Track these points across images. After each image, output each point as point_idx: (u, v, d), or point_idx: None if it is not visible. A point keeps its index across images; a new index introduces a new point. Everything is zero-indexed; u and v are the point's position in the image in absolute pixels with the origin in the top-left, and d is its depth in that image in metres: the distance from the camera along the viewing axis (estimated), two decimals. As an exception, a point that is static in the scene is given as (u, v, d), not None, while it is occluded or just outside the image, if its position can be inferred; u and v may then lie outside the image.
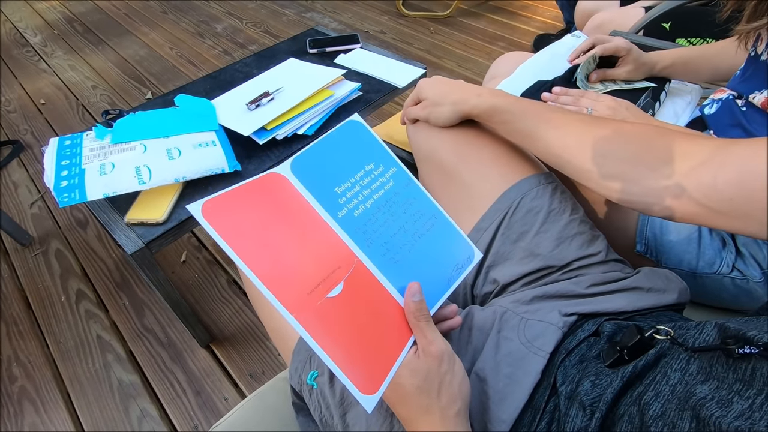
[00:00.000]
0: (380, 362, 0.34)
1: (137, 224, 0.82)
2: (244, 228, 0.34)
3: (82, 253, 1.32)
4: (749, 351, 0.30)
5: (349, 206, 0.40)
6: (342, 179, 0.41)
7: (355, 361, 0.33)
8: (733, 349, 0.30)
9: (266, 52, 1.31)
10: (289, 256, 0.35)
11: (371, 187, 0.42)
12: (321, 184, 0.40)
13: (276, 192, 0.37)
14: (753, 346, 0.30)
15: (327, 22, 2.44)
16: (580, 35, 0.93)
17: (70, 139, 0.93)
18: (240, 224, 0.34)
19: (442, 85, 0.60)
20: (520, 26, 2.28)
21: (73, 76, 2.10)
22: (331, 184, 0.40)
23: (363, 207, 0.41)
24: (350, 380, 0.32)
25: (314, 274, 0.35)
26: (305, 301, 0.33)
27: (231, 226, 0.33)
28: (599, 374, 0.38)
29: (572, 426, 0.35)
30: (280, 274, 0.33)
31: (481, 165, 0.61)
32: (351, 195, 0.41)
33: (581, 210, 0.57)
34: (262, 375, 1.03)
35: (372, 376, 0.33)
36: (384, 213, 0.42)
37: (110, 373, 1.05)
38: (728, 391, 0.29)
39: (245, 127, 0.96)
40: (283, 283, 0.33)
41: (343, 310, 0.35)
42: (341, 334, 0.33)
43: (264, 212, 0.36)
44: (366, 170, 0.43)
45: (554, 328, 0.43)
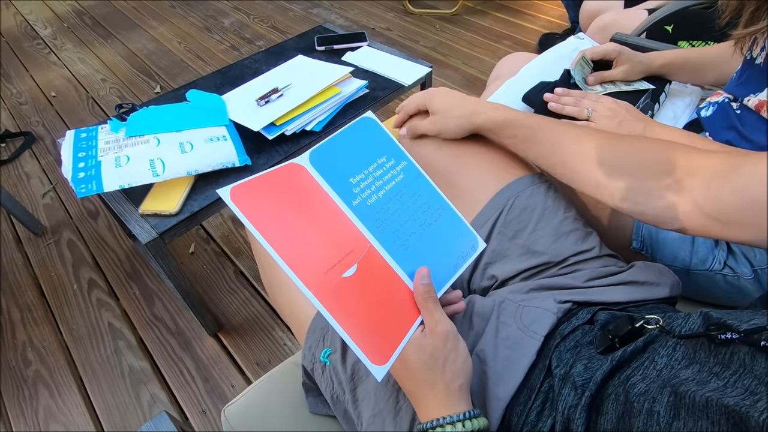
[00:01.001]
0: (390, 337, 0.37)
1: (151, 215, 0.85)
2: (267, 212, 0.37)
3: (93, 243, 1.36)
4: (730, 336, 0.32)
5: (362, 196, 0.43)
6: (356, 171, 0.44)
7: (367, 335, 0.36)
8: (716, 335, 0.33)
9: (275, 48, 1.34)
10: (308, 239, 0.38)
11: (383, 179, 0.45)
12: (337, 175, 0.42)
13: (296, 180, 0.40)
14: (734, 332, 0.32)
15: (333, 18, 2.45)
16: (583, 37, 0.95)
17: (86, 132, 0.96)
18: (264, 208, 0.37)
19: (451, 97, 0.60)
20: (525, 25, 2.30)
21: (83, 69, 2.13)
22: (346, 174, 0.43)
23: (375, 197, 0.44)
24: (362, 351, 0.35)
25: (331, 256, 0.38)
26: (323, 279, 0.36)
27: (256, 209, 0.36)
28: (591, 359, 0.41)
29: (564, 404, 0.38)
30: (300, 255, 0.36)
31: (475, 167, 0.63)
32: (364, 185, 0.44)
33: (573, 208, 0.60)
34: (268, 363, 1.06)
35: (382, 349, 0.36)
36: (395, 203, 0.45)
37: (121, 359, 1.09)
38: (708, 374, 0.32)
39: (255, 122, 0.98)
40: (303, 263, 0.36)
41: (356, 289, 0.37)
42: (355, 310, 0.36)
43: (285, 198, 0.39)
44: (378, 163, 0.45)
45: (549, 313, 0.46)
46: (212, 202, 0.88)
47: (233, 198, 0.36)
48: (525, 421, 0.41)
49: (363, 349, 0.35)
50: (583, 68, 0.80)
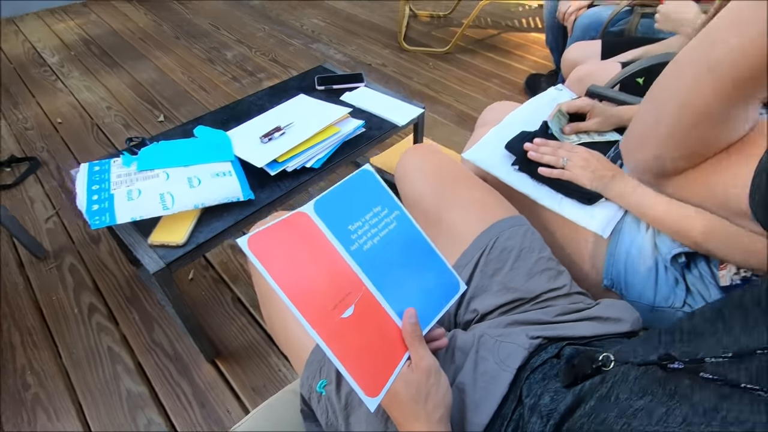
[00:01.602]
0: (382, 371, 0.43)
1: (159, 246, 0.91)
2: (279, 258, 0.43)
3: (94, 267, 1.40)
4: (677, 366, 0.38)
5: (359, 242, 0.49)
6: (354, 219, 0.50)
7: (362, 369, 0.41)
8: (666, 364, 0.38)
9: (278, 86, 1.42)
10: (313, 282, 0.44)
11: (378, 227, 0.51)
12: (337, 223, 0.49)
13: (302, 228, 0.47)
14: (680, 362, 0.38)
15: (332, 53, 2.57)
16: (562, 88, 1.05)
17: (99, 165, 1.02)
18: (276, 255, 0.43)
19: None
20: (513, 65, 2.43)
21: (88, 97, 2.21)
22: (345, 222, 0.49)
23: (371, 243, 0.50)
24: (358, 384, 0.40)
25: (332, 298, 0.44)
26: (325, 319, 0.42)
27: (270, 256, 0.42)
28: (557, 392, 0.47)
29: (531, 430, 0.44)
30: (306, 297, 0.42)
31: (460, 208, 0.71)
32: (361, 232, 0.50)
33: (548, 249, 0.67)
34: (264, 389, 1.10)
35: (375, 382, 0.42)
36: (388, 249, 0.51)
37: (119, 384, 1.12)
38: (658, 404, 0.37)
39: (259, 159, 1.05)
40: (309, 305, 0.42)
41: (353, 328, 0.43)
42: (352, 347, 0.42)
43: (293, 245, 0.45)
44: (374, 212, 0.52)
45: (521, 348, 0.52)
46: (217, 234, 0.94)
47: (251, 246, 0.42)
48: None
49: (358, 383, 0.41)
50: (560, 120, 0.89)
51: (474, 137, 0.98)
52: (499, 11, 3.02)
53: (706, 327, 0.38)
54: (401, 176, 0.77)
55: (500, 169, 0.84)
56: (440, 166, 0.75)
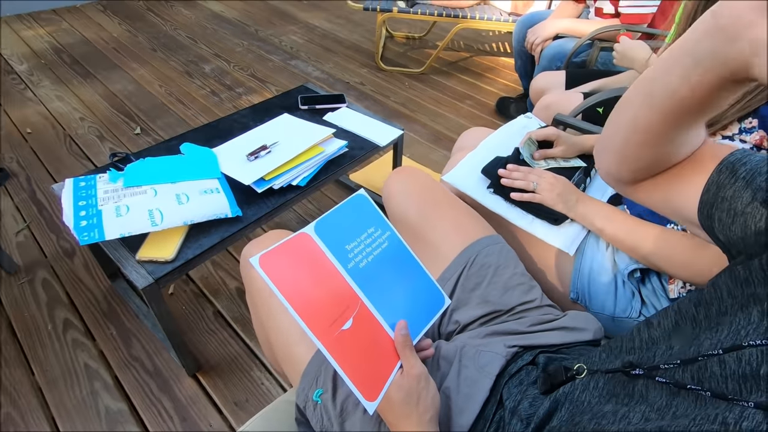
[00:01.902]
0: (378, 378, 0.48)
1: (147, 261, 0.92)
2: (286, 275, 0.47)
3: (69, 282, 1.37)
4: (638, 372, 0.45)
5: (356, 260, 0.54)
6: (351, 239, 0.55)
7: (361, 376, 0.46)
8: (629, 371, 0.44)
9: (261, 105, 1.46)
10: (316, 297, 0.48)
11: (372, 246, 0.57)
12: (336, 242, 0.53)
13: (305, 248, 0.51)
14: (640, 368, 0.45)
15: (310, 70, 2.63)
16: (531, 116, 1.14)
17: (85, 181, 1.03)
18: (283, 273, 0.47)
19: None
20: (484, 87, 2.56)
21: (60, 107, 2.16)
22: (343, 242, 0.54)
23: (366, 261, 0.55)
24: (358, 390, 0.45)
25: (333, 312, 0.48)
26: (328, 332, 0.47)
27: (279, 274, 0.47)
28: (536, 398, 0.53)
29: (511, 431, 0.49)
30: (311, 311, 0.47)
31: (443, 228, 0.77)
32: (357, 251, 0.55)
33: (522, 265, 0.74)
34: (246, 403, 1.12)
35: (373, 388, 0.46)
36: (380, 266, 0.56)
37: (97, 401, 1.10)
38: (621, 405, 0.44)
39: (246, 176, 1.09)
40: (314, 318, 0.46)
41: (352, 339, 0.48)
42: (352, 356, 0.47)
43: (297, 263, 0.49)
44: (368, 233, 0.57)
45: (499, 356, 0.58)
46: (205, 250, 0.96)
47: (262, 265, 0.46)
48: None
49: (359, 388, 0.46)
50: (530, 146, 0.97)
51: (452, 161, 1.05)
52: (472, 35, 3.17)
53: (661, 337, 0.44)
54: (387, 197, 0.82)
55: (477, 192, 0.91)
56: (424, 187, 0.82)
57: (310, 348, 0.60)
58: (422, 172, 0.86)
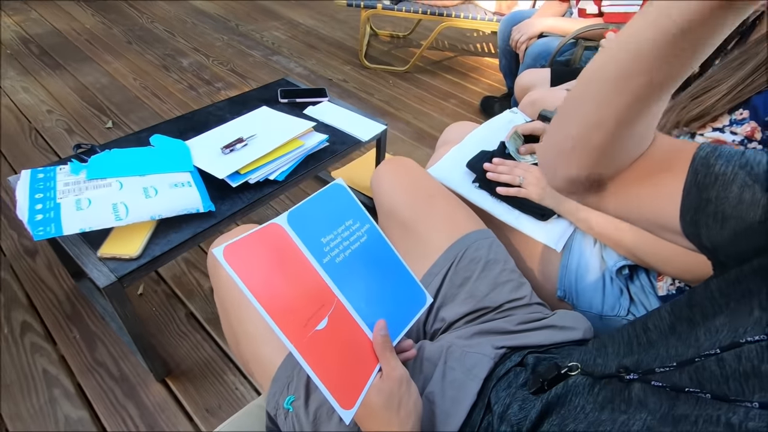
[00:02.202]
0: (355, 383, 0.43)
1: (110, 258, 0.86)
2: (253, 269, 0.43)
3: (29, 283, 1.29)
4: (632, 377, 0.41)
5: (332, 254, 0.50)
6: (327, 231, 0.50)
7: (336, 381, 0.42)
8: (623, 375, 0.41)
9: (239, 98, 1.40)
10: (288, 294, 0.44)
11: (350, 239, 0.52)
12: (310, 235, 0.49)
13: (276, 239, 0.47)
14: (634, 373, 0.42)
15: (293, 66, 2.57)
16: (516, 111, 1.12)
17: (43, 173, 0.96)
18: (251, 266, 0.42)
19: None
20: (469, 86, 2.55)
21: (26, 99, 2.05)
22: (318, 234, 0.50)
23: (343, 255, 0.51)
24: (334, 397, 0.41)
25: (306, 310, 0.44)
26: (301, 332, 0.42)
27: (245, 267, 0.42)
28: (525, 400, 0.49)
29: None
30: (282, 309, 0.42)
31: (433, 220, 0.74)
32: (334, 245, 0.50)
33: (512, 261, 0.71)
34: (219, 409, 1.05)
35: (349, 394, 0.42)
36: (358, 261, 0.52)
37: (56, 409, 1.03)
38: (619, 412, 0.40)
39: (220, 170, 1.03)
40: (285, 317, 0.42)
41: (327, 340, 0.44)
42: (326, 359, 0.42)
43: (267, 256, 0.45)
44: (346, 225, 0.53)
45: (487, 358, 0.54)
46: (174, 246, 0.90)
47: (226, 257, 0.41)
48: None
49: (334, 395, 0.41)
50: (516, 141, 0.94)
51: (436, 155, 1.02)
52: (456, 35, 3.16)
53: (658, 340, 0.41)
54: (377, 188, 0.78)
55: (462, 186, 0.87)
56: (414, 179, 0.78)
57: (280, 350, 0.56)
58: (413, 162, 0.82)
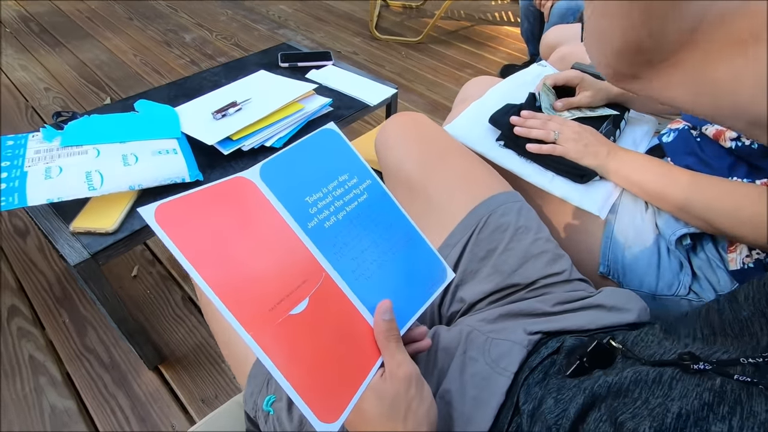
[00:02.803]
0: (344, 387, 0.32)
1: (84, 233, 0.76)
2: (201, 235, 0.31)
3: (19, 264, 1.21)
4: (703, 367, 0.30)
5: (319, 217, 0.38)
6: (314, 189, 0.39)
7: (316, 386, 0.30)
8: (689, 365, 0.31)
9: (236, 63, 1.29)
10: (251, 268, 0.32)
11: (344, 199, 0.40)
12: (291, 193, 0.37)
13: (241, 198, 0.35)
14: (705, 363, 0.30)
15: (299, 39, 2.44)
16: (545, 64, 0.97)
17: (13, 140, 0.86)
18: (198, 231, 0.31)
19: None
20: (487, 56, 2.38)
21: (23, 77, 1.98)
22: (302, 193, 0.38)
23: (334, 218, 0.39)
24: (309, 407, 0.29)
25: (277, 289, 0.32)
26: (265, 318, 0.30)
27: (187, 232, 0.30)
28: (561, 389, 0.37)
29: None
30: (238, 287, 0.31)
31: (449, 181, 0.61)
32: (322, 205, 0.39)
33: (546, 229, 0.58)
34: (215, 399, 0.96)
35: (334, 403, 0.30)
36: (356, 226, 0.40)
37: (42, 398, 0.95)
38: (699, 402, 0.29)
39: (210, 136, 0.92)
40: (242, 298, 0.30)
41: (306, 328, 0.32)
42: (303, 355, 0.31)
43: (226, 219, 0.33)
44: (339, 181, 0.41)
45: (519, 347, 0.42)
46: (156, 219, 0.80)
47: (159, 219, 0.30)
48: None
49: (310, 404, 0.30)
50: (548, 95, 0.80)
51: (453, 114, 0.89)
52: (473, 4, 2.97)
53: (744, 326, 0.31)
54: (382, 144, 0.66)
55: (483, 145, 0.74)
56: (427, 133, 0.65)
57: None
58: (425, 117, 0.69)
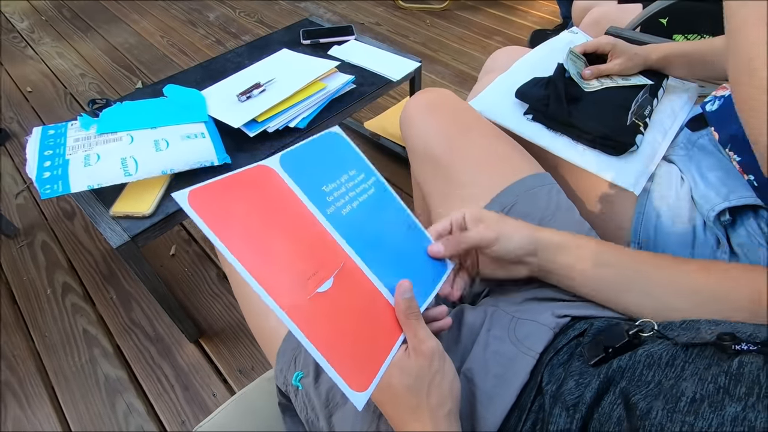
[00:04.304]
0: (371, 359, 0.33)
1: (123, 217, 0.80)
2: (232, 218, 0.33)
3: (68, 245, 1.30)
4: (746, 348, 0.29)
5: (337, 204, 0.40)
6: (329, 179, 0.41)
7: (345, 358, 0.32)
8: (729, 345, 0.30)
9: (258, 42, 1.29)
10: (280, 249, 0.34)
11: (356, 191, 0.42)
12: (310, 181, 0.39)
13: (265, 184, 0.37)
14: (750, 343, 0.29)
15: (321, 12, 2.40)
16: (577, 31, 0.92)
17: (54, 129, 0.91)
18: (228, 214, 0.33)
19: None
20: (516, 21, 2.27)
21: (61, 64, 2.05)
22: (319, 182, 0.40)
23: (350, 207, 0.41)
24: (341, 377, 0.31)
25: (304, 268, 0.34)
26: (296, 295, 0.32)
27: (219, 216, 0.32)
28: (583, 373, 0.37)
29: (556, 426, 0.34)
30: (270, 267, 0.32)
31: (477, 162, 0.60)
32: (338, 195, 0.41)
33: (576, 211, 0.57)
34: (252, 371, 1.02)
35: (363, 373, 0.32)
36: (369, 215, 0.42)
37: (96, 368, 1.03)
38: (714, 386, 0.28)
39: (235, 118, 0.94)
40: (274, 277, 0.32)
41: (333, 305, 0.34)
42: (331, 329, 0.33)
43: (253, 203, 0.35)
44: (350, 175, 0.43)
45: (546, 328, 0.42)
46: (189, 202, 0.83)
47: (192, 203, 0.32)
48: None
49: (341, 374, 0.31)
50: (576, 62, 0.76)
51: (479, 86, 0.86)
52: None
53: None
54: (406, 122, 0.65)
55: (511, 119, 0.72)
56: (451, 110, 0.64)
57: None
58: (451, 93, 0.68)
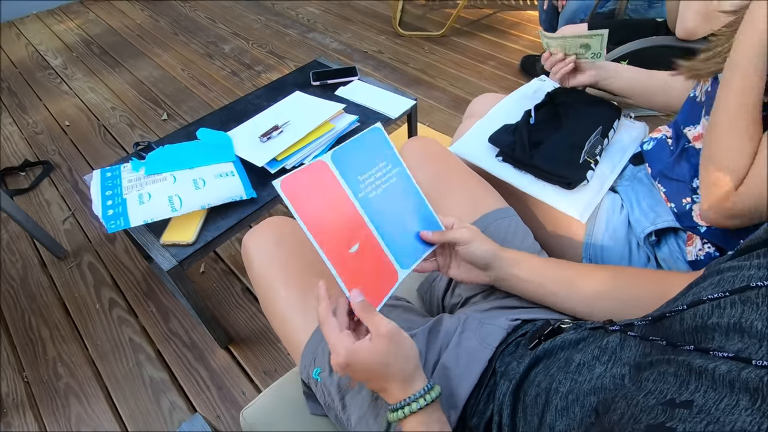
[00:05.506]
0: (376, 295, 0.52)
1: (170, 245, 0.98)
2: (304, 199, 0.50)
3: (112, 265, 1.48)
4: (615, 328, 0.46)
5: (366, 190, 0.56)
6: (364, 170, 0.56)
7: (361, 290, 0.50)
8: (607, 327, 0.47)
9: (275, 83, 1.47)
10: (329, 221, 0.51)
11: (382, 179, 0.58)
12: (350, 172, 0.55)
13: (321, 174, 0.53)
14: (617, 325, 0.45)
15: (328, 42, 2.59)
16: (545, 79, 1.08)
17: (111, 171, 1.09)
18: (302, 196, 0.50)
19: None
20: (509, 45, 2.43)
21: (93, 98, 2.27)
22: (356, 172, 0.56)
23: (375, 192, 0.57)
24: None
25: (343, 235, 0.51)
26: (338, 252, 0.50)
27: (297, 197, 0.49)
28: (522, 356, 0.53)
29: (500, 392, 0.50)
30: (324, 232, 0.49)
31: (455, 199, 0.77)
32: (368, 182, 0.56)
33: (531, 237, 0.73)
34: (275, 372, 1.19)
35: (372, 301, 0.50)
36: (388, 198, 0.58)
37: (142, 371, 1.21)
38: (591, 356, 0.45)
39: (259, 158, 1.11)
40: (326, 239, 0.49)
41: (358, 261, 0.51)
42: (356, 275, 0.51)
43: (314, 188, 0.52)
44: (380, 166, 0.58)
45: (501, 329, 0.58)
46: (223, 231, 1.01)
47: (283, 188, 0.49)
48: (475, 411, 0.53)
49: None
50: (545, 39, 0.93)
51: (463, 127, 1.03)
52: (495, -11, 2.99)
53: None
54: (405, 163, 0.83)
55: (485, 161, 0.89)
56: (437, 158, 0.82)
57: (306, 330, 0.63)
58: (436, 142, 0.85)
